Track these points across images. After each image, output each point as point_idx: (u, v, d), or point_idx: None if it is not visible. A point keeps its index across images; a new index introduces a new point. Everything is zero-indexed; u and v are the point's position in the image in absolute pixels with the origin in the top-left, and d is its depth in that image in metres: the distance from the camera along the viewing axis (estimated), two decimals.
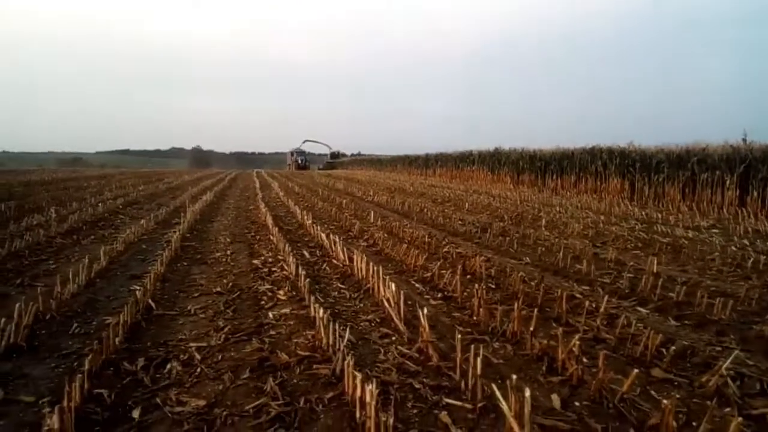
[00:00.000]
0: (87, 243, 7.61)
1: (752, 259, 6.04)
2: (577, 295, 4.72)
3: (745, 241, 7.56)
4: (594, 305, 4.30)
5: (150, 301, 4.46)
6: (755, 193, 12.26)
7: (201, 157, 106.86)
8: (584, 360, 3.11)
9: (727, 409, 2.69)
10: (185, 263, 6.31)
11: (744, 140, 13.46)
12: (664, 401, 2.36)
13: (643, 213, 11.50)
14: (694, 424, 2.53)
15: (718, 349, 3.54)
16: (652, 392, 2.89)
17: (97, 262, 5.71)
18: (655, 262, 5.71)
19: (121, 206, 12.51)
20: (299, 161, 63.71)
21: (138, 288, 4.67)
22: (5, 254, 6.16)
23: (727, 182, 12.98)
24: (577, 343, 3.05)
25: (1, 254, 6.11)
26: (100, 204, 12.26)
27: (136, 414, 2.62)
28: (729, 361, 3.03)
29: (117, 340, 3.45)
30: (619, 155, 16.81)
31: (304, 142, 72.43)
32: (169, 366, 3.22)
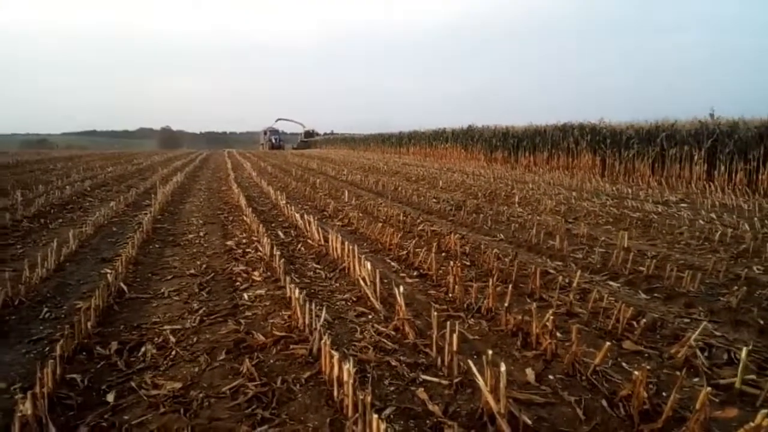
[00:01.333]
0: (55, 226, 7.44)
1: (719, 232, 6.18)
2: (551, 271, 4.78)
3: (713, 215, 7.73)
4: (567, 280, 4.37)
5: (122, 284, 4.39)
6: (722, 168, 12.54)
7: (171, 138, 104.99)
8: (558, 334, 3.15)
9: (696, 379, 2.77)
10: (157, 245, 6.22)
11: (711, 116, 13.70)
12: (635, 373, 2.41)
13: (614, 189, 11.67)
14: (664, 394, 2.60)
15: (687, 320, 3.63)
16: (624, 364, 2.95)
17: (66, 246, 5.58)
18: (626, 236, 5.80)
19: (89, 188, 12.25)
20: (273, 140, 61.62)
21: (109, 271, 4.59)
22: None
23: (696, 157, 13.24)
24: (551, 318, 3.09)
25: None
26: (67, 186, 11.97)
27: (110, 398, 2.59)
28: (697, 332, 3.11)
29: (89, 324, 3.39)
30: (590, 132, 17.00)
31: (277, 120, 69.72)
32: (143, 349, 3.19)
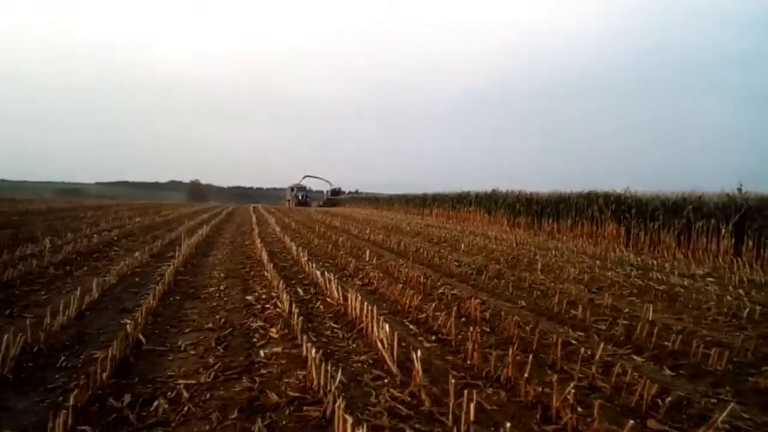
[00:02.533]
0: (80, 274, 7.55)
1: (748, 309, 6.01)
2: (573, 342, 4.68)
3: (741, 291, 7.54)
4: (589, 352, 4.26)
5: (140, 335, 4.41)
6: (750, 243, 12.29)
7: (199, 191, 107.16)
8: (579, 409, 3.05)
9: None
10: (178, 297, 6.25)
11: (739, 189, 13.55)
12: None
13: (639, 259, 11.50)
14: None
15: (714, 401, 3.49)
16: None
17: (88, 294, 5.65)
18: (651, 309, 5.67)
19: (116, 238, 12.47)
20: (299, 197, 61.81)
21: (128, 322, 4.61)
22: None
23: (723, 231, 13.02)
24: (572, 391, 3.01)
25: None
26: (95, 235, 12.21)
27: None
28: (725, 414, 2.99)
29: (104, 375, 3.39)
30: (615, 201, 16.89)
31: (304, 177, 69.72)
32: (156, 403, 3.16)
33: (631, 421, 2.69)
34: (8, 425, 2.82)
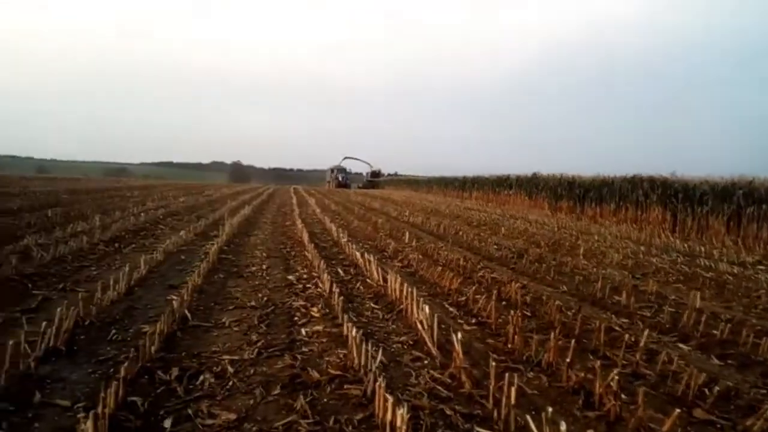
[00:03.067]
0: (128, 251, 7.78)
1: None
2: (616, 328, 4.60)
3: None
4: (633, 339, 4.19)
5: (186, 311, 4.53)
6: None
7: (240, 172, 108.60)
8: (622, 396, 3.01)
9: None
10: (221, 275, 6.39)
11: None
12: None
13: (685, 245, 11.19)
14: None
15: (764, 392, 3.39)
16: None
17: (137, 271, 5.83)
18: (698, 297, 5.52)
19: (162, 216, 12.78)
20: (340, 179, 60.89)
21: (175, 298, 4.74)
22: (49, 259, 6.34)
23: None
24: (616, 377, 2.96)
25: (45, 259, 6.29)
26: (142, 214, 12.55)
27: (167, 424, 2.65)
28: None
29: (153, 348, 3.50)
30: (661, 185, 16.44)
31: (344, 159, 68.39)
32: (202, 377, 3.25)
33: (677, 410, 2.64)
34: (62, 395, 2.94)
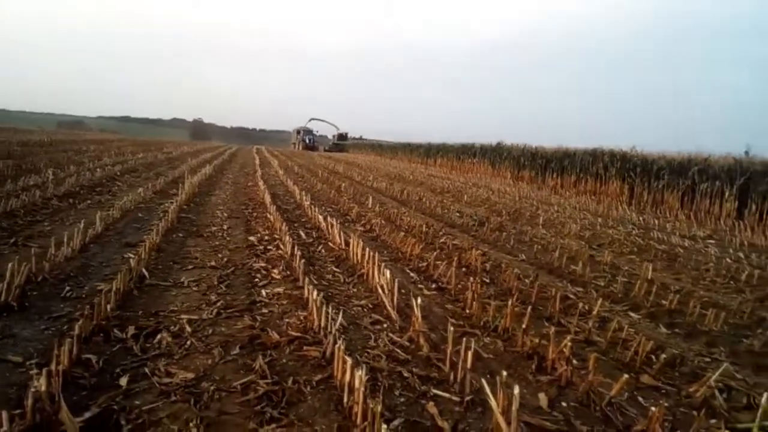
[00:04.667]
0: (83, 207, 7.58)
1: (746, 272, 6.04)
2: (571, 296, 4.72)
3: (741, 254, 7.56)
4: (587, 307, 4.32)
5: (144, 270, 4.45)
6: (753, 207, 12.27)
7: (201, 130, 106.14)
8: (574, 361, 3.10)
9: (713, 421, 2.71)
10: (181, 235, 6.29)
11: (746, 153, 13.46)
12: (652, 408, 2.38)
13: (641, 218, 11.50)
14: None
15: (708, 360, 3.55)
16: (640, 398, 2.90)
17: (92, 227, 5.68)
18: (650, 268, 5.70)
19: (119, 173, 12.46)
20: (307, 140, 58.34)
21: (132, 256, 4.65)
22: (0, 212, 6.11)
23: (727, 194, 12.98)
24: (569, 344, 3.05)
25: None
26: (98, 169, 12.20)
27: (123, 381, 2.62)
28: (718, 373, 3.04)
29: (108, 306, 3.44)
30: (621, 159, 16.77)
31: (310, 120, 65.33)
32: (159, 336, 3.21)
33: (625, 376, 2.75)
34: (14, 351, 2.88)
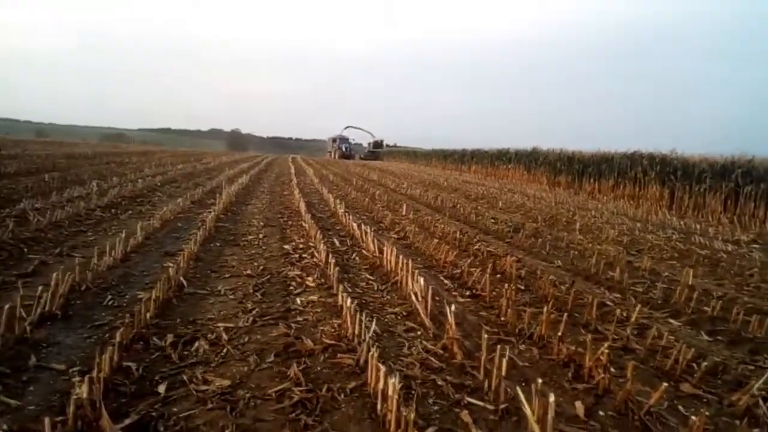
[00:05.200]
0: (125, 218, 7.78)
1: None
2: (608, 303, 4.64)
3: None
4: (625, 314, 4.23)
5: (182, 278, 4.54)
6: None
7: (238, 140, 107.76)
8: (612, 369, 3.05)
9: (756, 430, 2.63)
10: (218, 244, 6.40)
11: None
12: (693, 417, 2.31)
13: (682, 223, 11.23)
14: None
15: (751, 368, 3.44)
16: (680, 407, 2.83)
17: (133, 237, 5.83)
18: (691, 273, 5.56)
19: (159, 184, 12.75)
20: (343, 149, 57.87)
21: (171, 265, 4.75)
22: (46, 224, 6.33)
23: None
24: (606, 351, 3.00)
25: (42, 223, 6.28)
26: (139, 180, 12.52)
27: (162, 389, 2.68)
28: (762, 380, 2.95)
29: (148, 315, 3.53)
30: (660, 162, 16.42)
31: (346, 128, 65.42)
32: (196, 344, 3.28)
33: (665, 384, 2.68)
34: (57, 359, 2.97)
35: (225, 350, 3.22)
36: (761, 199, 12.83)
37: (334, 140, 62.28)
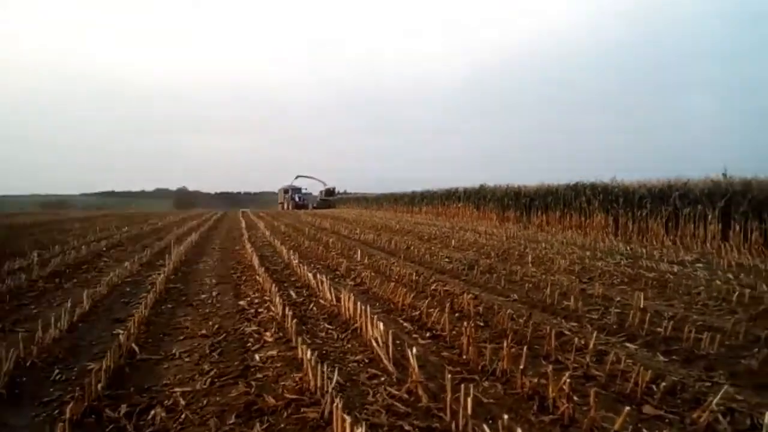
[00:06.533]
0: (70, 286, 7.49)
1: (737, 292, 6.07)
2: (566, 332, 4.71)
3: (730, 275, 7.62)
4: (583, 342, 4.30)
5: (134, 345, 4.38)
6: (737, 227, 12.41)
7: (186, 198, 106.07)
8: (575, 398, 3.08)
9: None
10: (170, 305, 6.22)
11: (724, 175, 13.70)
12: None
13: (628, 248, 11.59)
14: None
15: (708, 384, 3.53)
16: (644, 430, 2.87)
17: (79, 306, 5.61)
18: (642, 297, 5.72)
19: (104, 248, 12.38)
20: (297, 199, 56.02)
21: (121, 332, 4.59)
22: None
23: (710, 216, 13.14)
24: (568, 380, 3.03)
25: None
26: (83, 246, 12.11)
27: None
28: (719, 396, 3.03)
29: (99, 386, 3.37)
30: (602, 191, 17.00)
31: (296, 177, 63.10)
32: (153, 412, 3.14)
33: (627, 408, 2.72)
34: None
35: (183, 416, 3.10)
36: (700, 219, 13.40)
37: (285, 191, 60.86)
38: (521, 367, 3.44)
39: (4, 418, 3.09)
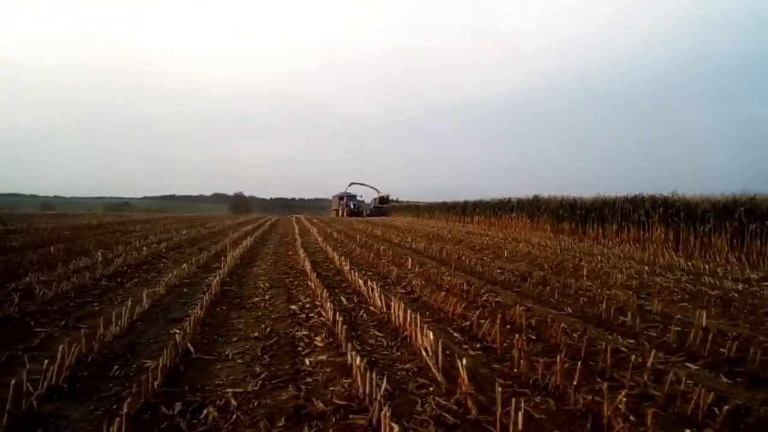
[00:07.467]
0: (131, 286, 7.77)
1: None
2: (622, 349, 4.56)
3: None
4: (640, 360, 4.15)
5: (189, 344, 4.50)
6: None
7: (242, 203, 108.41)
8: (631, 418, 2.97)
9: None
10: (224, 307, 6.36)
11: None
12: None
13: (689, 264, 11.15)
14: None
15: None
16: None
17: (139, 305, 5.81)
18: (704, 315, 5.48)
19: (164, 250, 12.79)
20: (351, 206, 56.38)
21: (177, 331, 4.72)
22: (52, 296, 6.33)
23: None
24: (624, 399, 2.93)
25: (48, 296, 6.28)
26: (144, 248, 12.56)
27: None
28: None
29: (156, 383, 3.48)
30: (662, 204, 16.42)
31: (350, 185, 63.77)
32: (205, 411, 3.22)
33: (687, 430, 2.61)
34: None
35: (234, 416, 3.16)
36: (767, 236, 12.77)
37: (340, 198, 61.25)
38: (575, 383, 3.36)
39: (65, 411, 3.22)
